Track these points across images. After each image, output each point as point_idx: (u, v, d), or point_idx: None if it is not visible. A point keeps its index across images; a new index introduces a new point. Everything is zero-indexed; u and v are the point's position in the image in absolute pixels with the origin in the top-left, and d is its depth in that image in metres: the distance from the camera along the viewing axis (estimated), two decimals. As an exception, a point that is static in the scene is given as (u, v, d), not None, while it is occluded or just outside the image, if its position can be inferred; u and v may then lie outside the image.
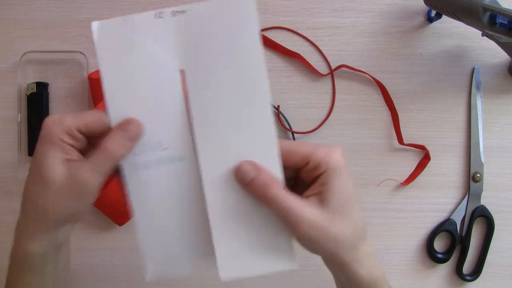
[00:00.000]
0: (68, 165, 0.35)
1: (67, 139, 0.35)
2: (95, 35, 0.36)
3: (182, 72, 0.36)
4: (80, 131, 0.35)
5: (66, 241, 0.39)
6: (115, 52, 0.36)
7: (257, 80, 0.35)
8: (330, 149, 0.36)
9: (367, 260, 0.37)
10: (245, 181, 0.35)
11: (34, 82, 0.55)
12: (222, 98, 0.36)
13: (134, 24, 0.36)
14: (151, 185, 0.37)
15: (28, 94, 0.56)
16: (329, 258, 0.38)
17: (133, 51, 0.36)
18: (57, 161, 0.35)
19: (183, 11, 0.35)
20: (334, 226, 0.35)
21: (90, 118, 0.36)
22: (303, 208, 0.34)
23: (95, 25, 0.36)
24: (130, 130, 0.35)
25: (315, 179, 0.36)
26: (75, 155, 0.36)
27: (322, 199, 0.35)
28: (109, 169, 0.35)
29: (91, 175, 0.34)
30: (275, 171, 0.36)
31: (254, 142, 0.36)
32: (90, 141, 0.37)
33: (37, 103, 0.56)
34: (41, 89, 0.56)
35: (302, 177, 0.38)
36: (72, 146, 0.35)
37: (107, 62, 0.36)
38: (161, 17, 0.36)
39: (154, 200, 0.37)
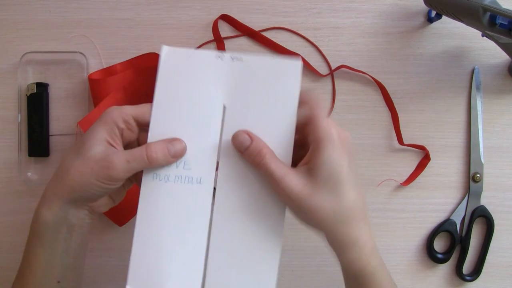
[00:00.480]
0: (107, 147, 0.38)
1: (121, 123, 0.38)
2: (162, 56, 0.41)
3: (224, 107, 0.41)
4: (136, 120, 0.39)
5: (81, 229, 0.40)
6: (174, 74, 0.41)
7: (287, 132, 0.39)
8: (323, 118, 0.36)
9: (357, 245, 0.37)
10: (241, 149, 0.37)
11: (34, 83, 0.55)
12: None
13: (196, 57, 0.41)
14: (163, 197, 0.40)
15: (28, 94, 0.55)
16: (322, 235, 0.38)
17: (189, 77, 0.41)
18: (100, 140, 0.37)
19: (240, 59, 0.41)
20: (315, 196, 0.35)
21: (145, 109, 0.39)
22: (288, 175, 0.36)
23: (165, 48, 0.41)
24: (176, 146, 0.39)
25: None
26: (118, 144, 0.38)
27: (309, 169, 0.36)
28: (139, 166, 0.38)
29: (121, 162, 0.37)
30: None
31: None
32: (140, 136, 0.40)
33: (37, 103, 0.56)
34: (41, 89, 0.56)
35: (304, 139, 0.38)
36: (122, 133, 0.38)
37: (165, 79, 0.41)
38: (220, 58, 0.41)
39: (161, 211, 0.40)
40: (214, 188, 0.40)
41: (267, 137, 0.39)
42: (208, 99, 0.40)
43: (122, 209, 0.55)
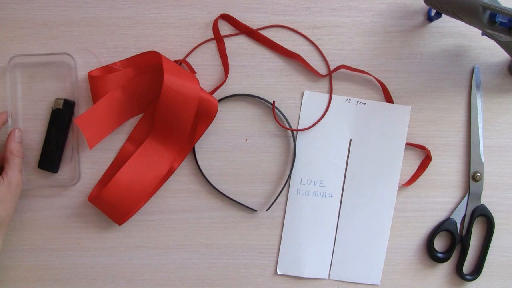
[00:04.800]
0: None
1: None
2: (305, 100, 0.56)
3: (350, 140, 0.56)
4: None
5: None
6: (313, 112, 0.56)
7: (395, 162, 0.56)
8: None
9: None
10: None
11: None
12: (369, 166, 0.56)
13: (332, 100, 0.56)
14: (303, 207, 0.56)
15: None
16: None
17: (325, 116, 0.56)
18: None
19: (364, 103, 0.56)
20: None
21: None
22: None
23: (307, 93, 0.56)
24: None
25: None
26: None
27: None
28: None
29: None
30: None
31: (378, 207, 0.56)
32: None
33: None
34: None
35: None
36: None
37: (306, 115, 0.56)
38: (348, 102, 0.56)
39: (302, 216, 0.56)
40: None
41: (382, 162, 0.55)
42: (338, 134, 0.56)
43: (122, 208, 0.55)
